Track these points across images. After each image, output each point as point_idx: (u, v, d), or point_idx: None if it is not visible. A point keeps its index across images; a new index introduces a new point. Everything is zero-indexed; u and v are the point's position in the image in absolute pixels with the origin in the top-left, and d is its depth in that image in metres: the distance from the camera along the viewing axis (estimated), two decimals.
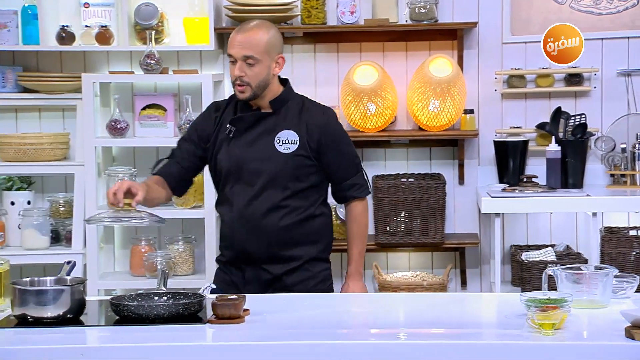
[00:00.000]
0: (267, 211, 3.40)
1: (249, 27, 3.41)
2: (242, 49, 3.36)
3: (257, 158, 3.41)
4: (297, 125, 3.43)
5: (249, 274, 3.45)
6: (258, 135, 3.43)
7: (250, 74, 3.36)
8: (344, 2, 4.87)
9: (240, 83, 3.38)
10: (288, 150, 3.40)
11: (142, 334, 2.71)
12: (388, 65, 4.96)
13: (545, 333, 2.58)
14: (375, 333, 2.78)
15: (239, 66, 3.37)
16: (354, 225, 3.58)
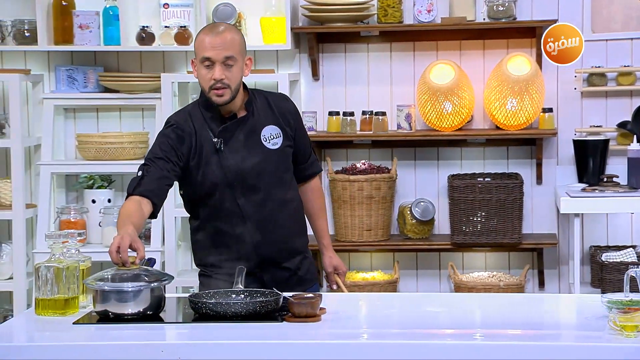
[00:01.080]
0: (279, 209, 3.35)
1: (219, 29, 3.26)
2: (222, 50, 3.22)
3: (254, 162, 3.31)
4: (274, 119, 3.37)
5: (267, 279, 3.35)
6: (244, 140, 3.32)
7: (230, 75, 3.24)
8: (421, 0, 4.85)
9: (220, 86, 3.23)
10: (276, 145, 3.35)
11: (221, 331, 2.74)
12: (465, 64, 4.93)
13: (628, 335, 2.54)
14: (451, 333, 2.77)
15: (219, 68, 3.22)
16: (320, 199, 3.59)
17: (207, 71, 3.25)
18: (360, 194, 4.87)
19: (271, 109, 3.39)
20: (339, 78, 5.06)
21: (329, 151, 5.08)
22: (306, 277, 3.45)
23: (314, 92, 5.08)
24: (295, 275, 3.42)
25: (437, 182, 5.04)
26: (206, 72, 3.25)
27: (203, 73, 3.26)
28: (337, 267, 3.58)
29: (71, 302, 2.97)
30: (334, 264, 3.58)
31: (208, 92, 3.27)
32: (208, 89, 3.26)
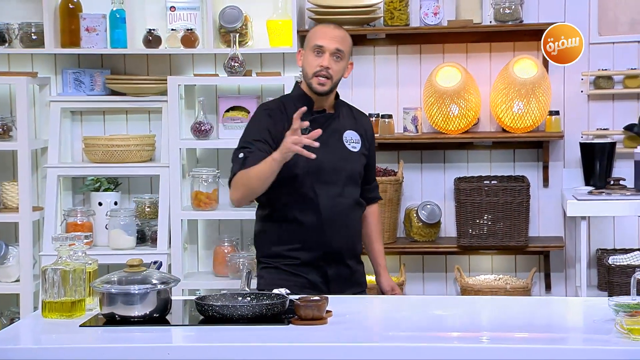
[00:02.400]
0: (351, 208, 3.53)
1: (334, 25, 3.53)
2: (336, 42, 3.45)
3: (335, 157, 3.49)
4: (356, 126, 3.60)
5: (331, 272, 3.49)
6: (329, 136, 3.48)
7: (335, 68, 3.45)
8: (427, 3, 4.85)
9: (325, 75, 3.43)
10: (355, 149, 3.56)
11: (227, 333, 2.74)
12: (471, 67, 4.93)
13: (635, 338, 2.53)
14: (457, 336, 2.76)
15: (328, 58, 3.43)
16: (379, 225, 3.79)
17: (315, 58, 3.45)
18: None
19: (354, 118, 3.62)
20: (346, 81, 5.00)
21: None
22: (361, 280, 3.61)
23: None
24: (353, 275, 3.57)
25: (443, 185, 5.04)
26: (314, 58, 3.45)
27: (311, 59, 3.46)
28: (393, 288, 3.72)
29: (78, 304, 2.97)
30: (391, 285, 3.72)
31: (311, 78, 3.46)
32: (312, 74, 3.46)
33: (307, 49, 3.50)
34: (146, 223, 4.98)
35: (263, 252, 3.55)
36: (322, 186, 3.46)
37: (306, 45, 3.52)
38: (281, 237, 3.47)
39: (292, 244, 3.47)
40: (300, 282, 3.47)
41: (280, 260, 3.48)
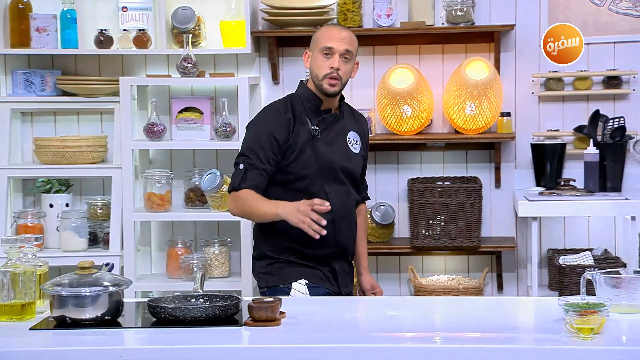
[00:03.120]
0: (354, 207, 3.60)
1: (341, 26, 3.58)
2: (345, 44, 3.47)
3: (342, 157, 3.53)
4: (356, 127, 3.63)
5: (338, 268, 3.54)
6: (335, 136, 3.54)
7: (345, 69, 3.48)
8: (380, 5, 4.87)
9: (335, 76, 3.45)
10: (357, 150, 3.60)
11: (179, 335, 2.73)
12: (424, 68, 4.95)
13: (584, 338, 2.56)
14: (410, 337, 2.77)
15: (338, 59, 3.45)
16: (365, 223, 3.81)
17: (325, 59, 3.46)
18: None
19: (354, 119, 3.65)
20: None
21: None
22: (352, 277, 3.66)
23: (274, 96, 5.06)
24: (351, 272, 3.63)
25: (397, 186, 5.06)
26: (324, 60, 3.46)
27: (320, 61, 3.47)
28: (374, 287, 3.73)
29: (28, 307, 2.93)
30: (372, 284, 3.72)
31: (321, 79, 3.47)
32: (322, 76, 3.46)
33: (315, 50, 3.50)
34: (98, 225, 4.94)
35: (273, 247, 3.50)
36: (331, 185, 3.50)
37: (313, 46, 3.52)
38: (294, 233, 3.40)
39: (303, 240, 3.40)
40: (317, 274, 3.49)
41: (293, 253, 3.49)
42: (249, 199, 3.39)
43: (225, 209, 4.81)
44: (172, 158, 5.07)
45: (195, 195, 4.89)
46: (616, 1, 4.89)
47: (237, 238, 4.83)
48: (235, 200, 3.43)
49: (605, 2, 4.90)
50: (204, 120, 4.83)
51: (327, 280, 3.50)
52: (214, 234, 5.05)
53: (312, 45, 3.55)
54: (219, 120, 4.78)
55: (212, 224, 5.05)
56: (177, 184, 4.92)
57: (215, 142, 4.81)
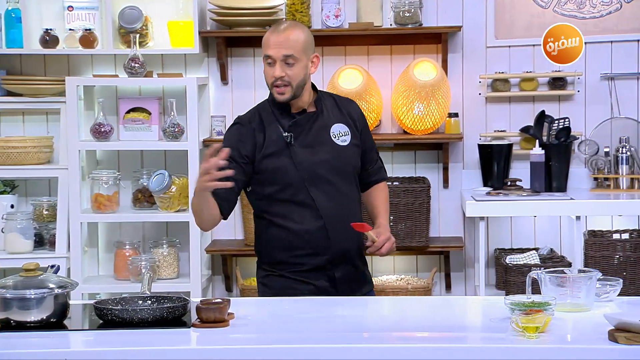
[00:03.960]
0: (349, 205, 3.36)
1: (283, 27, 3.34)
2: (281, 49, 3.29)
3: (326, 156, 3.35)
4: (342, 118, 3.43)
5: (339, 275, 3.35)
6: (314, 135, 3.36)
7: (290, 73, 3.30)
8: (328, 5, 4.88)
9: (280, 84, 3.29)
10: (345, 142, 3.39)
11: (126, 337, 2.70)
12: (373, 69, 4.97)
13: (529, 336, 2.58)
14: (359, 336, 2.78)
15: (279, 67, 3.29)
16: (382, 198, 3.53)
17: (269, 68, 3.32)
18: None
19: (339, 109, 3.45)
20: (248, 82, 5.05)
21: None
22: (369, 279, 3.47)
23: (223, 96, 5.06)
24: (360, 274, 3.42)
25: None
26: (268, 69, 3.33)
27: (266, 70, 3.34)
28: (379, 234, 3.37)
29: None
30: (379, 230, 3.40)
31: (271, 88, 3.34)
32: (270, 85, 3.34)
33: (263, 59, 3.35)
34: (44, 226, 4.88)
35: (266, 259, 3.40)
36: (317, 190, 3.32)
37: None
38: (285, 245, 3.33)
39: (297, 251, 3.33)
40: (308, 289, 3.34)
41: (286, 267, 3.34)
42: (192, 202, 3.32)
43: (174, 209, 4.79)
44: (120, 159, 5.03)
45: (144, 196, 4.85)
46: (561, 3, 4.95)
47: (186, 239, 4.80)
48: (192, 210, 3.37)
49: (550, 4, 4.96)
50: (152, 120, 4.80)
51: (320, 294, 3.32)
52: (163, 235, 5.02)
53: None
54: (167, 120, 4.76)
55: (160, 224, 5.02)
56: (124, 185, 4.88)
57: (163, 143, 4.78)
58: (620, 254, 4.63)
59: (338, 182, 3.35)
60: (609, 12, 4.94)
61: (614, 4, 4.94)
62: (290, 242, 3.32)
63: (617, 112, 4.96)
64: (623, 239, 4.77)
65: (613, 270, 4.57)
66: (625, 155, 4.84)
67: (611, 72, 4.95)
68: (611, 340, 2.55)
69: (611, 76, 4.95)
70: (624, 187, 4.86)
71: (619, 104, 4.95)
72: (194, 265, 4.76)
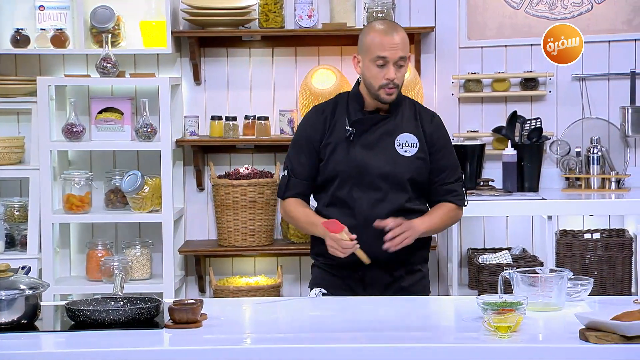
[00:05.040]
0: (391, 214, 3.31)
1: (395, 29, 3.30)
2: (398, 51, 3.26)
3: (381, 161, 3.32)
4: (415, 129, 3.38)
5: (369, 277, 3.35)
6: (378, 138, 3.34)
7: (400, 75, 3.30)
8: (301, 6, 4.88)
9: (392, 86, 3.28)
10: (409, 153, 3.35)
11: (98, 339, 2.69)
12: (346, 69, 4.98)
13: (501, 336, 2.60)
14: (332, 336, 2.78)
15: (393, 69, 3.26)
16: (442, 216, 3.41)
17: (379, 70, 3.28)
18: (243, 199, 4.85)
19: (415, 119, 3.40)
20: (221, 82, 5.04)
21: (211, 156, 5.05)
22: (411, 289, 3.39)
23: (196, 96, 5.05)
24: (397, 283, 3.37)
25: None
26: (378, 71, 3.28)
27: (374, 72, 3.28)
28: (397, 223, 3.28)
29: None
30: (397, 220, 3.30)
31: (377, 90, 3.30)
32: (378, 87, 3.29)
33: (366, 59, 3.28)
34: (15, 227, 4.85)
35: (313, 249, 3.47)
36: (362, 190, 3.31)
37: (364, 53, 3.30)
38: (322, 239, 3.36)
39: None
40: (337, 284, 3.38)
41: (323, 259, 3.39)
42: (294, 214, 3.39)
43: (147, 210, 4.77)
44: (92, 159, 5.00)
45: (116, 196, 4.83)
46: (532, 4, 4.98)
47: (159, 239, 4.78)
48: (284, 210, 3.45)
49: (522, 5, 4.99)
50: (125, 120, 4.78)
51: (349, 291, 3.35)
52: (136, 235, 5.00)
53: (361, 51, 3.33)
54: (140, 120, 4.74)
55: (133, 225, 5.00)
56: (97, 186, 4.86)
57: (136, 143, 4.77)
58: (592, 254, 4.67)
59: (387, 189, 3.33)
60: (579, 13, 4.98)
61: (584, 5, 4.97)
62: None
63: (588, 113, 5.00)
64: (594, 238, 4.80)
65: (584, 269, 4.60)
66: (596, 156, 4.88)
67: (582, 72, 4.98)
68: (582, 340, 2.57)
69: (582, 77, 4.98)
70: (595, 187, 4.89)
71: (590, 104, 4.99)
72: (167, 266, 4.75)
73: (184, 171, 5.05)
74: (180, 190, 5.01)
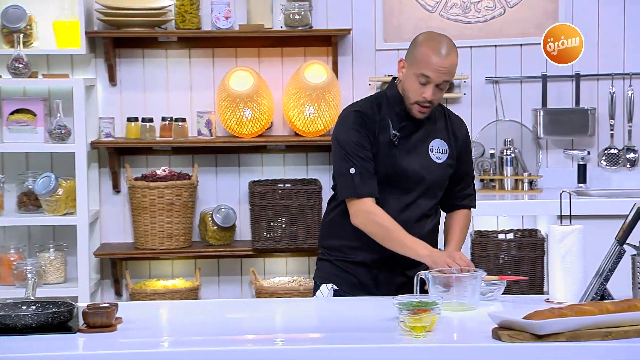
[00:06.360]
0: (419, 218, 3.33)
1: (448, 49, 3.23)
2: (443, 75, 3.21)
3: (417, 167, 3.31)
4: (446, 135, 3.38)
5: (383, 278, 3.34)
6: (416, 144, 3.33)
7: (437, 97, 3.26)
8: (218, 7, 4.86)
9: (427, 105, 3.25)
10: (440, 160, 3.36)
11: (9, 344, 2.64)
12: (264, 71, 4.98)
13: (417, 336, 2.62)
14: (251, 339, 2.78)
15: (433, 90, 3.22)
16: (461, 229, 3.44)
17: (419, 87, 3.22)
18: (160, 201, 4.82)
19: (446, 125, 3.39)
20: (138, 83, 4.99)
21: (128, 158, 5.00)
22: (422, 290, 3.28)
23: (111, 98, 4.98)
24: (411, 284, 3.26)
25: (238, 188, 5.06)
26: (419, 87, 3.22)
27: (415, 86, 3.23)
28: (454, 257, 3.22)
29: None
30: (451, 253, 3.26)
31: (412, 103, 3.26)
32: (413, 101, 3.25)
33: (411, 70, 3.24)
34: None
35: (324, 241, 3.41)
36: (394, 193, 3.30)
37: (410, 62, 3.25)
38: (344, 232, 3.32)
39: (351, 242, 3.32)
40: (351, 281, 3.35)
41: (336, 254, 3.36)
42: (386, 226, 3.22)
43: (61, 212, 4.69)
44: (4, 161, 4.91)
45: (29, 199, 4.76)
46: (447, 7, 5.05)
47: (74, 242, 4.72)
48: (365, 218, 3.26)
49: (436, 9, 5.06)
50: (38, 122, 4.70)
51: (361, 289, 3.33)
52: (50, 238, 4.92)
53: (409, 58, 3.28)
54: (54, 122, 4.67)
55: (47, 228, 4.91)
56: (9, 188, 4.77)
57: (49, 145, 4.69)
58: (505, 254, 4.75)
59: (417, 194, 3.33)
60: (492, 17, 5.07)
61: (497, 9, 5.06)
62: (346, 231, 3.31)
63: (501, 115, 5.09)
64: (508, 238, 4.89)
65: (498, 269, 4.68)
66: (510, 157, 4.97)
67: (496, 75, 5.07)
68: (495, 339, 2.61)
69: (496, 79, 5.07)
70: (509, 188, 4.98)
71: (503, 106, 5.08)
72: (82, 269, 4.68)
73: (99, 173, 4.99)
74: (95, 193, 4.95)
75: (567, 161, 5.10)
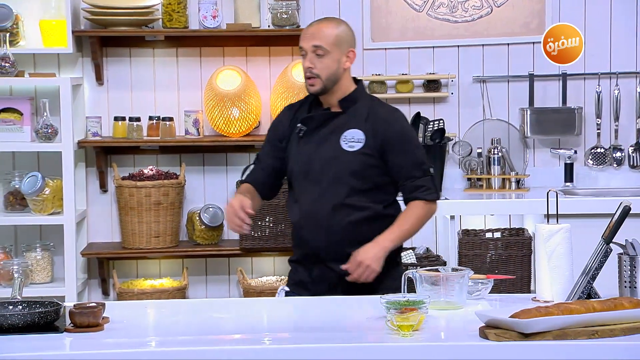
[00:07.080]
0: (333, 209, 3.33)
1: (319, 20, 3.43)
2: (311, 39, 3.33)
3: (324, 157, 3.35)
4: (364, 125, 3.36)
5: (316, 273, 3.37)
6: (327, 135, 3.37)
7: (320, 66, 3.32)
8: (205, 6, 4.85)
9: (310, 75, 3.32)
10: (353, 148, 3.35)
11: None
12: (251, 70, 4.97)
13: (404, 335, 2.63)
14: (239, 338, 2.78)
15: (309, 58, 3.33)
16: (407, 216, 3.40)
17: (303, 60, 3.36)
18: (148, 200, 4.81)
19: (368, 116, 3.37)
20: (125, 83, 4.98)
21: (115, 157, 4.98)
22: (363, 285, 3.30)
23: (98, 97, 4.97)
24: (342, 280, 3.30)
25: (226, 188, 5.06)
26: (303, 61, 3.36)
27: (302, 62, 3.37)
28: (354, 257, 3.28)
29: None
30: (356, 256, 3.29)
31: (306, 80, 3.37)
32: (305, 78, 3.37)
33: None
34: None
35: None
36: (306, 186, 3.36)
37: None
38: (294, 233, 3.48)
39: (292, 240, 3.49)
40: (293, 279, 3.44)
41: (292, 255, 3.49)
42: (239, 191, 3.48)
43: (48, 212, 4.68)
44: None
45: (16, 198, 4.74)
46: (434, 7, 5.06)
47: (61, 242, 4.71)
48: None
49: (424, 8, 5.06)
50: (24, 121, 4.69)
51: (303, 287, 3.38)
52: (36, 238, 4.90)
53: None
54: (40, 121, 4.65)
55: (33, 228, 4.90)
56: None
57: (36, 144, 4.68)
58: (492, 253, 4.76)
59: (328, 185, 3.35)
60: (480, 16, 5.08)
61: (484, 8, 5.07)
62: (293, 233, 3.46)
63: (489, 114, 5.10)
64: (495, 237, 4.89)
65: (485, 268, 4.68)
66: (497, 156, 4.98)
67: (483, 74, 5.08)
68: (482, 337, 2.61)
69: (483, 79, 5.08)
70: (496, 187, 5.00)
71: (490, 106, 5.09)
72: (69, 269, 4.67)
73: (86, 172, 4.98)
74: (82, 192, 4.94)
75: (554, 160, 5.11)
